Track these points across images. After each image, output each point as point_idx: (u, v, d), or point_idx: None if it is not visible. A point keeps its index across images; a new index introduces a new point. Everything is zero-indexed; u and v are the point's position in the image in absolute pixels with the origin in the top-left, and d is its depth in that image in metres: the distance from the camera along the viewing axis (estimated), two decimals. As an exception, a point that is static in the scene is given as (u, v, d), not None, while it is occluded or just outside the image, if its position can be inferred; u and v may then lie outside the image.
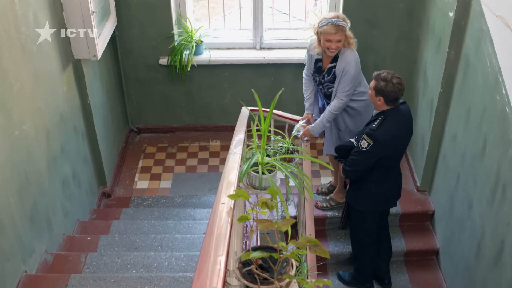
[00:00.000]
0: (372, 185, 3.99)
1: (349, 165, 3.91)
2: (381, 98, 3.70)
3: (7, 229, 3.14)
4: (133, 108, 5.93)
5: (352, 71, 4.05)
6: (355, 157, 3.86)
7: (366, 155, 3.78)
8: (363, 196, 4.07)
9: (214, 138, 6.02)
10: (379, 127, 3.72)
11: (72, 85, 4.28)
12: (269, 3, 5.65)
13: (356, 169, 3.88)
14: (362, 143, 3.75)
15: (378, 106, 3.76)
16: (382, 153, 3.78)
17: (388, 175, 4.00)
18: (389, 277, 4.58)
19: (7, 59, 3.15)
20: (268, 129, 3.08)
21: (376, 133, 3.71)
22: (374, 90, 3.71)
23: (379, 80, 3.68)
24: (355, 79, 4.11)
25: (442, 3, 4.33)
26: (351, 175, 3.98)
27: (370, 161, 3.82)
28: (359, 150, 3.80)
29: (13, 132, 3.24)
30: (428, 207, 4.84)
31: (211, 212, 2.15)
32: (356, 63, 4.08)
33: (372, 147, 3.72)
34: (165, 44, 5.44)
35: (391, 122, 3.74)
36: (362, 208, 4.12)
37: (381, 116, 3.75)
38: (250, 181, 3.15)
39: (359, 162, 3.84)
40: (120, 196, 5.22)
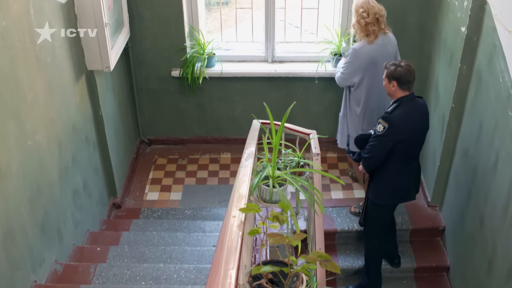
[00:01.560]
0: (390, 177, 4.06)
1: (367, 152, 3.99)
2: (395, 83, 3.83)
3: (18, 238, 3.16)
4: (145, 120, 5.95)
5: (351, 56, 4.50)
6: (372, 142, 3.94)
7: (383, 139, 3.86)
8: (383, 189, 4.13)
9: (225, 151, 6.03)
10: (394, 110, 3.85)
11: (85, 96, 4.31)
12: (281, 16, 5.67)
13: (374, 154, 3.95)
14: (378, 127, 3.86)
15: (393, 92, 3.88)
16: (398, 137, 3.85)
17: (407, 168, 4.06)
18: (399, 256, 4.66)
19: (21, 70, 3.18)
20: (279, 142, 3.08)
21: (391, 116, 3.83)
22: (386, 78, 3.87)
23: (389, 66, 3.86)
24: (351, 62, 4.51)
25: (454, 18, 4.32)
26: (370, 162, 4.03)
27: (387, 144, 3.88)
28: (376, 135, 3.89)
29: (26, 142, 3.26)
30: (439, 223, 4.81)
31: (222, 225, 2.16)
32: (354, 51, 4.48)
33: (387, 130, 3.81)
34: (177, 56, 5.47)
35: (406, 107, 3.86)
36: (381, 201, 4.18)
37: (395, 103, 3.88)
38: (261, 195, 3.14)
39: (376, 146, 3.92)
40: (130, 207, 5.23)
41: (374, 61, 4.42)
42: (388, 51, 4.47)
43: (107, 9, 4.15)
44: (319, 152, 3.99)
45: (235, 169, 5.73)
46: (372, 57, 4.42)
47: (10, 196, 3.06)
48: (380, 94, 4.52)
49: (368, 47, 4.42)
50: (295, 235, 1.76)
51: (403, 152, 3.95)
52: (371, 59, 4.42)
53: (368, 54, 4.43)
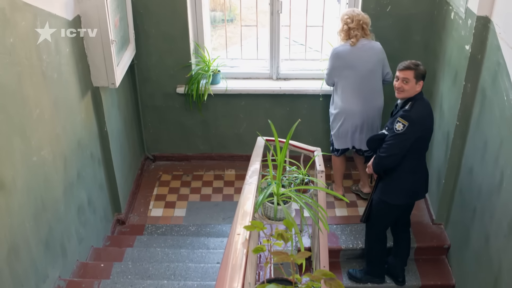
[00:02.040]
0: (407, 176, 4.10)
1: (384, 151, 4.03)
2: (422, 82, 3.93)
3: (22, 254, 3.16)
4: (149, 136, 5.97)
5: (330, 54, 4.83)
6: (391, 141, 3.98)
7: (402, 137, 3.91)
8: (397, 188, 4.17)
9: (229, 167, 6.03)
10: (412, 108, 3.91)
11: (90, 112, 4.33)
12: (286, 33, 5.70)
13: (393, 153, 3.99)
14: (397, 125, 3.90)
15: (415, 93, 3.94)
16: (417, 134, 3.92)
17: (418, 165, 4.14)
18: (403, 275, 4.62)
19: (28, 86, 3.20)
20: (284, 159, 3.09)
21: (410, 113, 3.89)
22: (415, 78, 3.90)
23: (417, 67, 3.91)
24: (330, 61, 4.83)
25: (458, 36, 4.34)
26: (388, 162, 4.06)
27: (406, 143, 3.93)
28: (395, 134, 3.93)
29: (32, 157, 3.28)
30: (444, 241, 4.78)
31: (226, 242, 2.15)
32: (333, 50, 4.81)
33: (407, 128, 3.87)
34: (183, 73, 5.50)
35: (421, 104, 3.95)
36: (394, 201, 4.21)
37: (411, 101, 3.95)
38: (265, 212, 3.14)
39: (395, 145, 3.96)
40: (134, 224, 5.22)
41: (351, 62, 4.74)
42: (369, 55, 4.75)
43: (113, 26, 4.19)
44: (323, 169, 4.00)
45: (239, 186, 5.72)
46: (349, 58, 4.74)
47: (14, 212, 3.06)
48: (354, 97, 4.81)
49: (347, 48, 4.74)
50: (299, 253, 1.75)
51: (419, 149, 4.04)
52: (348, 60, 4.74)
53: (346, 54, 4.74)
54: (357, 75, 4.74)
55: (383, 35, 5.10)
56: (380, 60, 4.75)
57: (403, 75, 3.92)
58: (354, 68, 4.73)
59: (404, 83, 3.92)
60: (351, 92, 4.80)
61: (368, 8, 5.02)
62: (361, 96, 4.80)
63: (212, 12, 6.25)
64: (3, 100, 2.90)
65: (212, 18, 5.93)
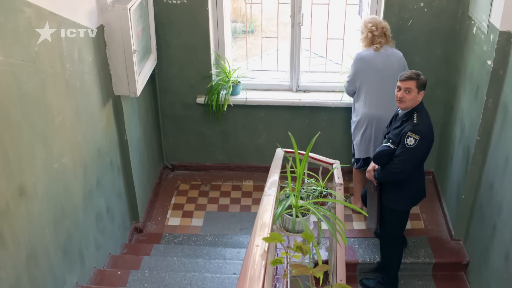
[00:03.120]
0: (411, 184, 4.16)
1: (397, 167, 4.02)
2: (423, 92, 3.96)
3: (40, 259, 3.18)
4: (169, 145, 6.00)
5: (353, 60, 4.87)
6: (403, 157, 3.96)
7: (415, 151, 3.92)
8: (406, 196, 4.22)
9: (247, 178, 6.04)
10: (420, 121, 3.92)
11: (111, 120, 4.37)
12: (306, 46, 5.71)
13: (406, 167, 4.00)
14: (409, 140, 3.90)
15: (416, 103, 3.97)
16: (428, 145, 3.98)
17: (420, 171, 4.21)
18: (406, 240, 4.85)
19: (51, 94, 3.24)
20: (303, 172, 3.08)
21: (420, 127, 3.90)
22: (417, 88, 3.92)
23: (418, 76, 3.94)
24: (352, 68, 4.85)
25: (480, 51, 4.32)
26: (401, 176, 4.07)
27: (419, 156, 3.97)
28: (407, 149, 3.92)
29: (53, 164, 3.31)
30: (463, 257, 4.73)
31: (242, 252, 2.16)
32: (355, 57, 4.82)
33: (419, 142, 3.88)
34: (203, 84, 5.53)
35: (425, 115, 4.00)
36: (401, 207, 4.27)
37: (415, 112, 3.97)
38: (284, 224, 3.14)
39: (408, 160, 3.96)
40: (152, 232, 5.24)
41: (376, 67, 4.75)
42: (391, 61, 4.76)
43: (135, 36, 4.23)
44: (342, 182, 3.98)
45: (257, 197, 5.74)
46: (373, 61, 4.75)
47: (35, 218, 3.09)
48: (379, 101, 4.79)
49: (371, 52, 4.77)
50: (318, 267, 1.75)
51: (423, 159, 4.08)
52: (373, 63, 4.75)
53: (371, 58, 4.76)
54: (381, 79, 4.75)
55: (404, 48, 5.08)
56: (402, 66, 4.76)
57: (405, 85, 3.94)
58: (379, 71, 4.74)
59: (407, 93, 3.94)
60: (376, 96, 4.78)
61: (390, 21, 5.01)
62: (385, 100, 4.76)
63: (233, 23, 6.28)
64: (26, 107, 2.94)
65: (233, 29, 5.96)
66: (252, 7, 6.50)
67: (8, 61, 2.73)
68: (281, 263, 1.89)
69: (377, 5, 5.15)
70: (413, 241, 4.91)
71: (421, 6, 4.97)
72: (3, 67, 2.68)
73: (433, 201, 5.50)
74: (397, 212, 4.28)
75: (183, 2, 5.10)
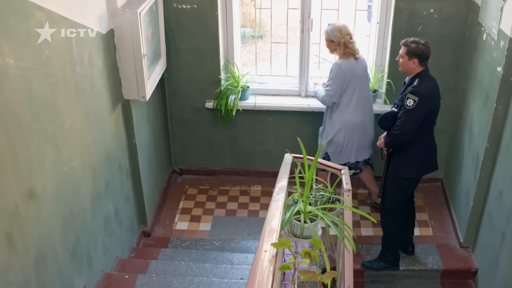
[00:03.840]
0: (418, 149, 4.26)
1: (399, 128, 4.17)
2: (416, 60, 4.09)
3: (49, 262, 3.19)
4: (177, 149, 6.02)
5: (334, 71, 4.80)
6: (404, 118, 4.12)
7: (415, 113, 4.07)
8: (410, 162, 4.32)
9: (255, 183, 6.04)
10: (420, 84, 4.08)
11: (120, 124, 4.38)
12: (315, 51, 5.72)
13: (407, 129, 4.14)
14: (408, 102, 4.06)
15: (412, 70, 4.14)
16: (428, 108, 4.09)
17: (428, 139, 4.31)
18: (413, 244, 4.83)
19: (61, 97, 3.26)
20: (312, 177, 3.08)
21: (419, 89, 4.05)
22: (407, 54, 4.10)
23: (409, 43, 4.09)
24: (336, 80, 4.79)
25: (490, 58, 4.31)
26: (403, 138, 4.20)
27: (418, 118, 4.09)
28: (407, 110, 4.08)
29: (62, 168, 3.32)
30: (471, 264, 4.71)
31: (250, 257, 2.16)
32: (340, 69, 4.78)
33: (418, 103, 4.03)
34: (212, 88, 5.54)
35: (428, 80, 4.14)
36: (409, 174, 4.37)
37: (417, 77, 4.13)
38: (292, 229, 3.13)
39: (408, 121, 4.11)
40: (160, 236, 5.25)
41: (358, 75, 4.84)
42: (365, 67, 4.95)
43: (145, 40, 4.25)
44: (350, 188, 3.97)
45: (265, 202, 5.74)
46: (356, 71, 4.82)
47: (44, 221, 3.11)
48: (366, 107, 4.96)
49: (353, 62, 4.82)
50: (327, 273, 1.75)
51: (429, 123, 4.20)
52: (356, 73, 4.82)
53: (354, 68, 4.81)
54: (362, 85, 4.89)
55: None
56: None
57: (400, 50, 4.18)
58: (360, 79, 4.86)
59: (400, 58, 4.18)
60: (360, 103, 4.89)
61: (399, 27, 5.01)
62: (370, 105, 5.03)
63: (242, 28, 6.30)
64: (37, 110, 2.96)
65: (242, 34, 5.98)
66: (261, 12, 6.51)
67: (19, 65, 2.75)
68: (289, 268, 1.89)
69: (387, 11, 5.15)
70: (422, 248, 4.89)
71: (431, 12, 4.96)
72: (14, 71, 2.70)
73: (442, 208, 5.48)
74: (401, 179, 4.35)
75: (193, 7, 5.12)
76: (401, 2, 4.94)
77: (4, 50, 2.60)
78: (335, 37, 4.75)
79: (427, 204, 5.57)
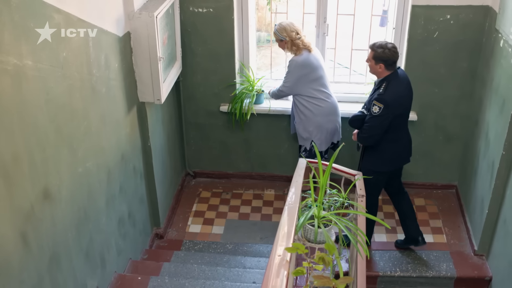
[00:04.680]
0: (389, 145, 4.40)
1: (365, 132, 4.35)
2: (382, 65, 4.17)
3: (62, 262, 3.21)
4: (191, 152, 6.03)
5: (291, 67, 4.93)
6: (370, 124, 4.29)
7: (380, 119, 4.21)
8: (381, 157, 4.48)
9: (269, 187, 6.03)
10: (386, 90, 4.17)
11: (135, 126, 4.41)
12: (331, 56, 5.71)
13: (373, 133, 4.31)
14: (374, 108, 4.18)
15: (380, 73, 4.23)
16: (394, 113, 4.20)
17: (400, 134, 4.44)
18: (421, 233, 4.83)
19: (77, 99, 3.28)
20: (326, 182, 3.07)
21: (384, 96, 4.16)
22: (373, 59, 4.19)
23: (376, 48, 4.17)
24: (293, 76, 4.94)
25: (507, 64, 4.28)
26: (370, 141, 4.41)
27: (384, 123, 4.24)
28: (372, 116, 4.23)
29: (77, 169, 3.34)
30: (486, 272, 4.67)
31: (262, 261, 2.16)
32: (296, 64, 4.89)
33: (383, 110, 4.15)
34: (227, 92, 5.55)
35: (395, 84, 4.20)
36: (379, 168, 4.51)
37: (384, 82, 4.20)
38: (305, 234, 3.13)
39: (374, 127, 4.28)
40: (172, 239, 5.26)
41: (316, 64, 4.94)
42: (320, 57, 5.04)
43: (161, 43, 4.27)
44: (364, 194, 3.96)
45: (278, 206, 5.73)
46: (312, 62, 4.92)
47: (58, 221, 3.13)
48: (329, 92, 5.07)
49: (308, 55, 4.91)
50: (341, 279, 1.74)
51: (400, 122, 4.36)
52: (312, 64, 4.92)
53: (311, 60, 4.92)
54: (323, 73, 5.01)
55: (429, 60, 5.06)
56: None
57: (368, 53, 4.26)
58: (320, 68, 4.97)
59: (368, 61, 4.27)
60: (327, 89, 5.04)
61: (415, 33, 4.99)
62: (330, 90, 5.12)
63: (257, 32, 6.31)
64: (54, 112, 2.98)
65: (257, 38, 5.98)
66: (277, 17, 6.51)
67: (37, 66, 2.77)
68: (303, 273, 1.89)
69: (403, 16, 5.12)
70: (435, 255, 4.86)
71: (448, 18, 4.94)
72: (32, 72, 2.72)
73: (456, 215, 5.44)
74: (372, 173, 4.38)
75: (209, 11, 5.13)
76: (417, 8, 4.92)
77: (23, 51, 2.62)
78: (282, 36, 4.86)
79: (441, 211, 5.53)
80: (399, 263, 4.75)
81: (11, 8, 2.50)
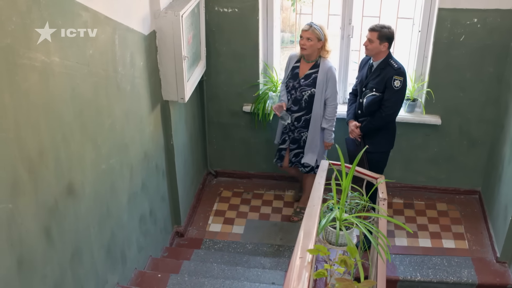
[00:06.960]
0: (392, 125, 4.68)
1: (390, 109, 4.46)
2: (386, 44, 4.35)
3: (84, 257, 3.24)
4: (213, 152, 6.04)
5: (335, 75, 4.87)
6: (394, 99, 4.42)
7: (402, 91, 4.41)
8: (388, 136, 4.71)
9: (290, 188, 6.02)
10: (397, 63, 4.38)
11: (158, 125, 4.43)
12: (355, 58, 5.68)
13: (397, 108, 4.50)
14: (396, 83, 4.33)
15: (382, 53, 4.40)
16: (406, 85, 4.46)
17: None
18: None
19: (103, 96, 3.31)
20: (349, 185, 3.06)
21: (402, 69, 4.36)
22: (378, 39, 4.32)
23: (380, 29, 4.32)
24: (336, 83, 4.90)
25: (535, 71, 4.22)
26: (393, 117, 4.57)
27: (404, 95, 4.51)
28: (395, 91, 4.37)
29: (101, 165, 3.37)
30: (508, 280, 4.61)
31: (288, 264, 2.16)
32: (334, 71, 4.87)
33: (404, 82, 4.36)
34: (250, 92, 5.55)
35: (395, 59, 4.45)
36: (388, 148, 4.75)
37: (390, 59, 4.40)
38: (327, 236, 3.11)
39: (398, 101, 4.47)
40: (193, 237, 5.28)
41: None
42: None
43: (186, 42, 4.28)
44: (386, 197, 3.93)
45: (298, 208, 5.71)
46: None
47: (81, 216, 3.16)
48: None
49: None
50: (364, 282, 1.73)
51: None
52: None
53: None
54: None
55: (455, 64, 5.02)
56: None
57: (368, 36, 4.37)
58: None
59: (369, 43, 4.36)
60: None
61: (441, 36, 4.94)
62: None
63: (281, 33, 6.29)
64: (79, 108, 3.01)
65: (281, 39, 5.97)
66: (301, 18, 6.50)
67: (64, 63, 2.80)
68: (325, 276, 1.88)
69: (429, 19, 5.07)
70: (456, 261, 4.81)
71: (474, 22, 4.88)
72: (59, 69, 2.75)
73: (479, 221, 5.38)
74: (383, 154, 4.68)
75: (234, 11, 5.14)
76: (444, 11, 4.87)
77: (51, 48, 2.65)
78: (322, 35, 4.78)
79: (463, 216, 5.47)
80: (420, 268, 4.71)
81: (40, 5, 2.53)
